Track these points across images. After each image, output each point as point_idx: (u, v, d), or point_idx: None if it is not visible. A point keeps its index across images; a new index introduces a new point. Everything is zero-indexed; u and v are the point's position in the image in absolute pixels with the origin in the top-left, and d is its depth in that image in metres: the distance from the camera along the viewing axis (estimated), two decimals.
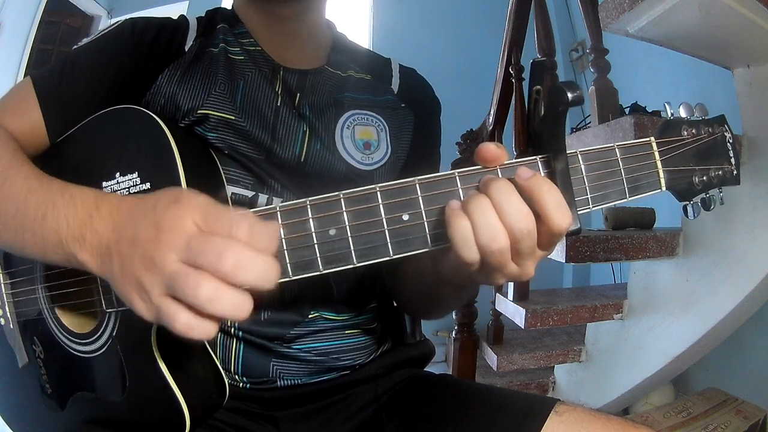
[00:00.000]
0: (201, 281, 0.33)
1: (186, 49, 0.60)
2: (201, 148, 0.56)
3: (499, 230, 0.37)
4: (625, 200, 0.43)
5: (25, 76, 2.87)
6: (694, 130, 0.45)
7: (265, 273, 0.34)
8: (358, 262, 0.40)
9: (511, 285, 1.67)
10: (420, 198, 0.40)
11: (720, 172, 0.46)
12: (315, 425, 0.60)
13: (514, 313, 1.59)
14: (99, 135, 0.53)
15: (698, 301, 1.33)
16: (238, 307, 0.34)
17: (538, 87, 0.40)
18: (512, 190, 0.38)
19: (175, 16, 0.64)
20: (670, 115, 0.46)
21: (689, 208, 0.46)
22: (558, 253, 1.38)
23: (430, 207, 0.40)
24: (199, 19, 0.65)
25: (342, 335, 0.62)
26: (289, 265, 0.40)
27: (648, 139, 0.43)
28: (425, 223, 0.40)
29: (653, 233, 1.40)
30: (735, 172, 0.46)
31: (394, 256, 0.40)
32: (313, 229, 0.40)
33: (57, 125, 0.56)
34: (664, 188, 0.44)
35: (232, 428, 0.58)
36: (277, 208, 0.40)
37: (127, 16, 0.62)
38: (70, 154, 0.55)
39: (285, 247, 0.40)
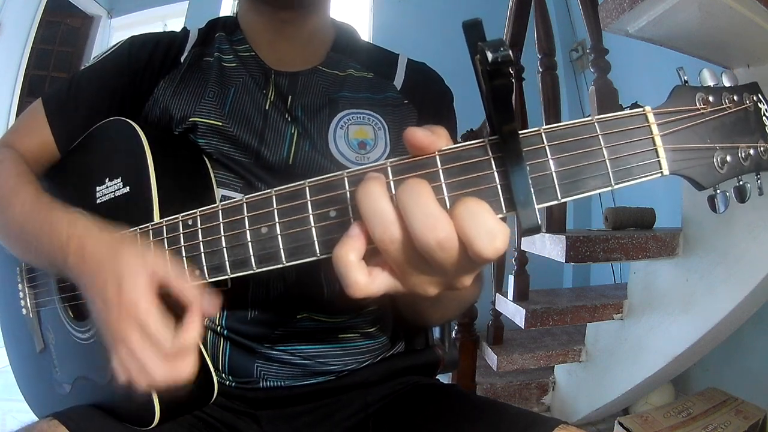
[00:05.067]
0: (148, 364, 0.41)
1: (182, 60, 0.63)
2: (190, 154, 0.58)
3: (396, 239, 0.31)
4: (611, 188, 0.33)
5: (25, 75, 2.88)
6: (712, 98, 0.35)
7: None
8: (288, 262, 0.39)
9: (511, 285, 1.67)
10: (348, 193, 0.36)
11: (752, 152, 0.35)
12: (298, 427, 0.60)
13: (514, 313, 1.59)
14: (94, 145, 0.60)
15: (698, 301, 1.33)
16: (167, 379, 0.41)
17: (479, 55, 0.31)
18: (424, 192, 0.31)
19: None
20: (683, 81, 0.36)
21: (718, 199, 0.36)
22: (558, 253, 1.38)
23: (355, 202, 0.35)
24: (200, 29, 0.67)
25: (333, 338, 0.61)
26: (227, 262, 0.41)
27: (641, 109, 0.34)
28: (352, 220, 0.35)
29: (653, 233, 1.40)
30: None
31: (321, 256, 0.37)
32: (247, 227, 0.40)
33: (64, 139, 0.62)
34: (666, 172, 0.34)
35: (218, 422, 0.58)
36: (219, 207, 0.41)
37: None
38: (73, 163, 0.63)
39: (224, 245, 0.41)
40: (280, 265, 0.39)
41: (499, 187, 0.33)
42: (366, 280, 0.33)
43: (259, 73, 0.63)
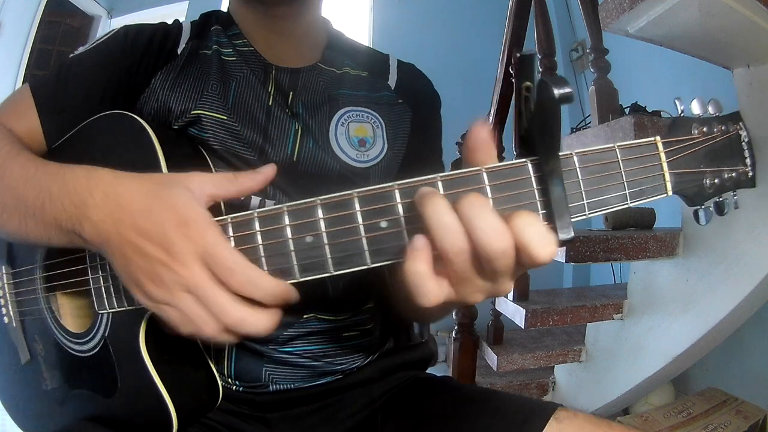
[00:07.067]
0: (228, 306, 0.38)
1: (178, 52, 0.61)
2: (192, 152, 0.57)
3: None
4: (626, 205, 0.39)
5: (25, 76, 2.88)
6: (705, 129, 0.41)
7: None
8: (335, 271, 0.39)
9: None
10: (399, 205, 0.37)
11: (734, 174, 0.42)
12: (308, 427, 0.60)
13: (514, 313, 1.59)
14: (91, 140, 0.55)
15: (698, 301, 1.33)
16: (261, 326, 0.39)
17: (528, 83, 0.35)
18: (487, 206, 0.34)
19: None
20: (680, 112, 0.42)
21: (701, 213, 0.43)
22: (558, 253, 1.38)
23: (409, 214, 0.37)
24: (192, 22, 0.65)
25: (337, 337, 0.61)
26: (267, 272, 0.40)
27: (653, 138, 0.40)
28: (404, 230, 0.37)
29: (653, 233, 1.40)
30: (750, 173, 0.43)
31: (372, 265, 0.38)
32: (289, 236, 0.39)
33: (53, 130, 0.58)
34: (670, 193, 0.40)
35: (224, 428, 0.58)
36: (255, 214, 0.40)
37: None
38: (65, 159, 0.56)
39: (263, 254, 0.40)
40: (327, 274, 0.39)
41: (538, 203, 0.37)
42: (438, 290, 0.35)
43: (260, 68, 0.62)
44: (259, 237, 0.40)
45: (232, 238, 0.40)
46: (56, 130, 0.57)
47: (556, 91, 0.33)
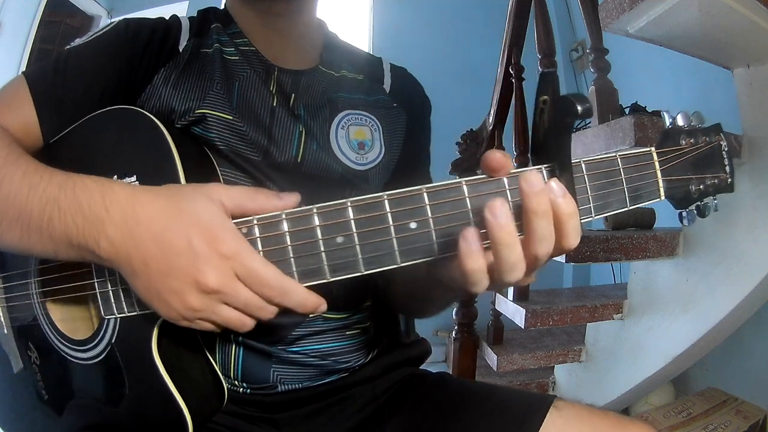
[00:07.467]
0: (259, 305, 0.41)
1: (180, 50, 0.60)
2: (198, 151, 0.56)
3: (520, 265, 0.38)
4: (626, 209, 0.44)
5: None
6: (692, 140, 0.46)
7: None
8: (366, 270, 0.40)
9: None
10: (428, 206, 0.39)
11: (715, 181, 0.47)
12: (315, 426, 0.61)
13: (514, 313, 1.59)
14: (95, 136, 0.52)
15: (698, 301, 1.33)
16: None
17: (545, 97, 0.39)
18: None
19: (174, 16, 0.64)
20: (669, 122, 0.47)
21: (684, 215, 0.48)
22: None
23: (437, 215, 0.39)
24: (191, 18, 0.64)
25: (341, 336, 0.62)
26: (295, 272, 0.40)
27: (649, 149, 0.45)
28: (432, 231, 0.39)
29: (653, 233, 1.40)
30: (729, 180, 0.47)
31: (402, 264, 0.40)
32: (320, 236, 0.40)
33: (51, 124, 0.55)
34: (662, 197, 0.45)
35: (231, 431, 0.58)
36: (283, 215, 0.40)
37: (127, 16, 0.62)
38: (66, 155, 0.54)
39: (291, 255, 0.40)
40: (358, 274, 0.40)
41: None
42: (488, 280, 0.39)
43: (262, 68, 0.62)
44: (287, 238, 0.40)
45: (258, 239, 0.41)
46: (54, 124, 0.55)
47: (579, 107, 0.37)
